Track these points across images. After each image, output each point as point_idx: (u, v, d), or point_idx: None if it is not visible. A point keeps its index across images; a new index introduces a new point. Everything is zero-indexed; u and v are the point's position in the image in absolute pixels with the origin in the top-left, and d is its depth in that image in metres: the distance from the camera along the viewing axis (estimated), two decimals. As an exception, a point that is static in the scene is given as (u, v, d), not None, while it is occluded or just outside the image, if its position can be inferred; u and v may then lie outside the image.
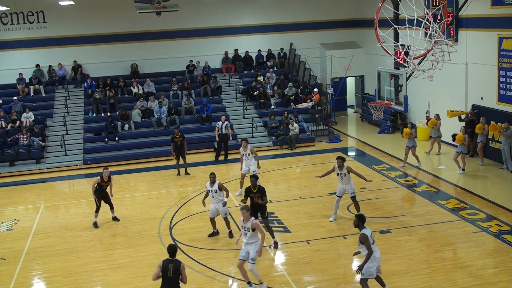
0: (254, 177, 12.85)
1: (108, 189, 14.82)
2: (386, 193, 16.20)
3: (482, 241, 12.45)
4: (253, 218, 10.69)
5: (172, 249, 9.21)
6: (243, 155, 16.35)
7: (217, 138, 21.06)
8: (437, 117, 19.60)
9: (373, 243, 9.63)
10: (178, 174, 19.34)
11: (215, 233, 13.57)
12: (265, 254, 12.43)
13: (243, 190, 13.23)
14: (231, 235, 13.38)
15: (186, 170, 19.46)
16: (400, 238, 12.85)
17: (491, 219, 13.71)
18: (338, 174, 13.85)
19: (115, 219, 15.10)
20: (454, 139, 17.86)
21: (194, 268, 11.81)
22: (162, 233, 14.01)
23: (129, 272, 11.88)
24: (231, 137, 21.31)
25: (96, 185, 14.57)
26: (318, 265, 11.66)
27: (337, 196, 14.08)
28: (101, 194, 14.70)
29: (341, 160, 13.74)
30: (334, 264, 11.70)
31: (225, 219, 13.31)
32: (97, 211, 14.72)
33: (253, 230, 10.53)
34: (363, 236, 9.52)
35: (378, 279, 10.05)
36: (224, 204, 13.21)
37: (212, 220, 13.44)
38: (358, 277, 11.14)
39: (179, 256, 12.41)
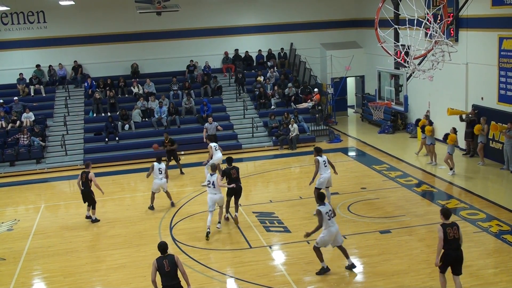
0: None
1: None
2: (386, 193, 16.19)
3: (483, 241, 12.45)
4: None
5: (162, 247, 9.25)
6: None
7: (204, 139, 20.87)
8: (426, 117, 20.00)
9: (329, 219, 10.83)
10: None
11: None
12: (266, 254, 12.46)
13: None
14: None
15: (181, 170, 19.61)
16: (401, 238, 12.85)
17: (491, 219, 13.71)
18: None
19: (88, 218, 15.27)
20: (446, 139, 17.81)
21: (194, 268, 11.81)
22: (162, 233, 14.01)
23: (129, 272, 11.89)
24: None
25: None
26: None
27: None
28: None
29: (314, 149, 14.39)
30: (334, 264, 11.69)
31: None
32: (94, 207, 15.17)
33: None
34: (316, 211, 10.92)
35: (343, 251, 11.28)
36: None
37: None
38: (360, 278, 11.19)
39: (179, 255, 12.44)
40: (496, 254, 11.82)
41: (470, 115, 18.93)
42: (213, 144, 17.56)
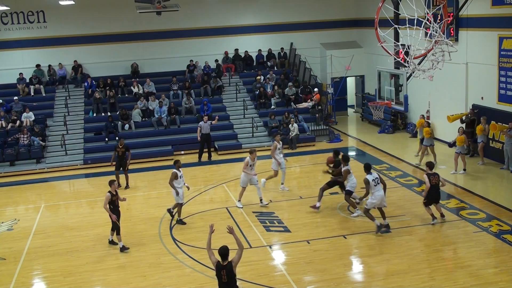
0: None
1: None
2: (387, 193, 15.94)
3: (483, 241, 12.45)
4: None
5: (224, 251, 8.58)
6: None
7: (199, 139, 20.88)
8: (422, 117, 19.99)
9: (376, 185, 12.97)
10: (119, 185, 17.07)
11: None
12: (266, 254, 12.46)
13: None
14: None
15: (127, 183, 18.21)
16: (401, 238, 12.85)
17: (491, 219, 13.71)
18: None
19: (112, 242, 13.39)
20: (454, 145, 17.81)
21: (195, 268, 11.81)
22: (162, 233, 14.01)
23: (129, 272, 11.89)
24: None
25: (108, 203, 12.87)
26: (318, 265, 11.67)
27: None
28: (117, 210, 13.10)
29: (341, 158, 14.95)
30: (334, 263, 11.70)
31: None
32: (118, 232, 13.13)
33: None
34: (364, 180, 12.95)
35: (382, 212, 13.23)
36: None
37: None
38: (359, 277, 11.17)
39: (179, 255, 12.47)
40: (496, 254, 11.82)
41: (469, 115, 18.94)
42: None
